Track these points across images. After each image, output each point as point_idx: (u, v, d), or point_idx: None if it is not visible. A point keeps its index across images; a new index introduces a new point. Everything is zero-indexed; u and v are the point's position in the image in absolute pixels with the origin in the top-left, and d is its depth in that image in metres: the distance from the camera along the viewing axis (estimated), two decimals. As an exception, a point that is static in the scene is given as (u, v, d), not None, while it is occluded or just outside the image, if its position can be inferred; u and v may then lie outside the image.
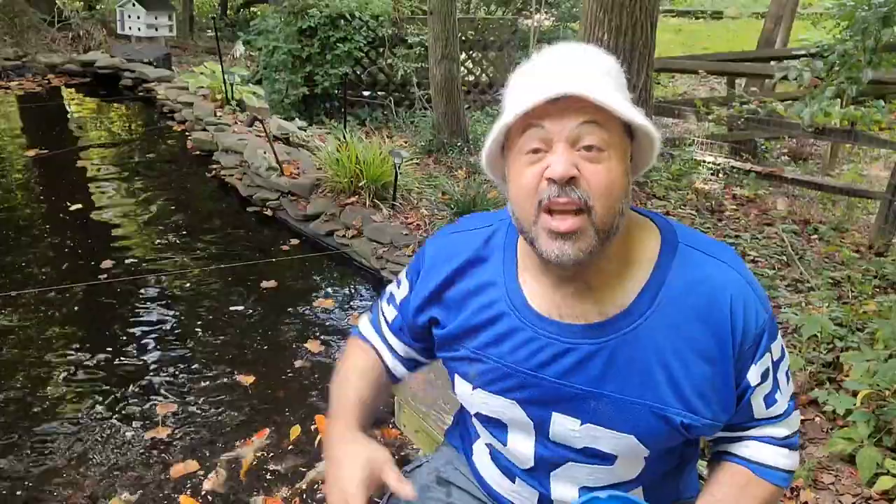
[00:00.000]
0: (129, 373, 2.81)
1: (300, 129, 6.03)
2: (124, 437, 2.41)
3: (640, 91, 4.97)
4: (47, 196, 4.91)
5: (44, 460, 2.29)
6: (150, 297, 3.47)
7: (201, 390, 2.72)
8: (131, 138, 6.69)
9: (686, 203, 4.56)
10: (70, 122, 7.19)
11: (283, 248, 4.15)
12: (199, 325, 3.23)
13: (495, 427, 1.01)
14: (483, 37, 7.82)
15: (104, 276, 3.64)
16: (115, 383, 2.73)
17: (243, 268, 3.83)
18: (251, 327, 3.23)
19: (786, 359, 0.96)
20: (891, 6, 3.00)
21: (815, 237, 4.21)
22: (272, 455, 2.37)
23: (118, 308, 3.34)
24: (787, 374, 0.96)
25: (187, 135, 6.33)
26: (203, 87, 7.31)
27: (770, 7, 8.60)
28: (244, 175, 5.09)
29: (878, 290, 3.32)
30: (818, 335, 2.62)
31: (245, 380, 2.79)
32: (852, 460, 2.10)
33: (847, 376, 2.42)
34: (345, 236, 4.06)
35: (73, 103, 7.93)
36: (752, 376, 0.91)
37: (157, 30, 9.72)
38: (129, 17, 9.62)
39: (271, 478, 2.26)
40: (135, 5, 9.48)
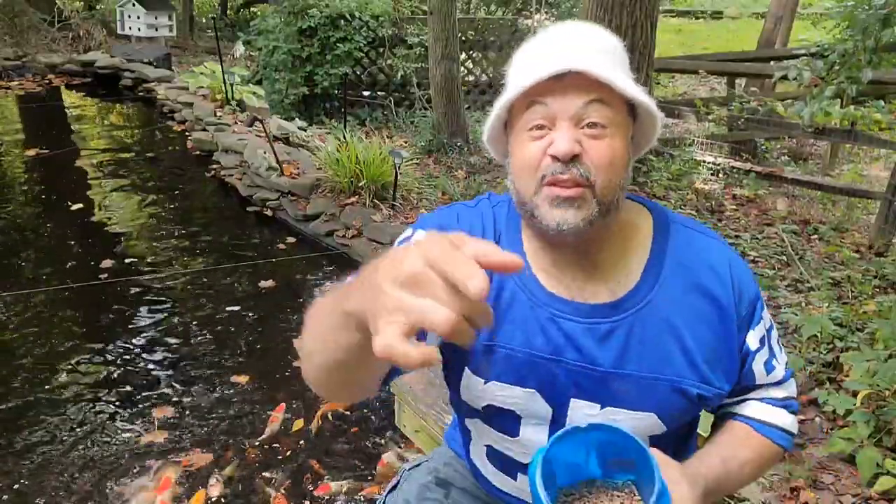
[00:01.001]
0: (128, 372, 2.81)
1: (300, 129, 6.03)
2: (121, 438, 2.41)
3: (640, 91, 4.97)
4: (48, 196, 4.91)
5: (37, 459, 2.29)
6: (149, 297, 3.47)
7: (201, 390, 2.71)
8: (131, 138, 6.69)
9: (686, 203, 4.56)
10: (70, 122, 7.19)
11: (283, 248, 4.15)
12: (199, 324, 3.23)
13: (506, 420, 0.97)
14: (483, 37, 7.82)
15: (104, 275, 3.64)
16: (114, 382, 2.73)
17: (243, 268, 3.83)
18: (250, 327, 3.23)
19: (774, 327, 1.00)
20: (891, 6, 3.00)
21: (815, 237, 4.21)
22: (272, 453, 2.37)
23: (118, 307, 3.34)
24: (778, 342, 1.00)
25: (187, 135, 6.33)
26: (203, 87, 7.32)
27: (770, 7, 8.60)
28: (244, 175, 5.10)
29: (878, 290, 3.32)
30: (818, 335, 2.62)
31: (241, 379, 2.79)
32: (852, 460, 2.10)
33: (847, 376, 2.42)
34: (345, 236, 4.06)
35: (74, 103, 7.93)
36: (752, 341, 0.94)
37: (157, 30, 9.73)
38: (129, 17, 9.63)
39: (273, 476, 2.26)
40: (135, 5, 9.49)
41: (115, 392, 2.67)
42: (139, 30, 9.60)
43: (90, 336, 3.09)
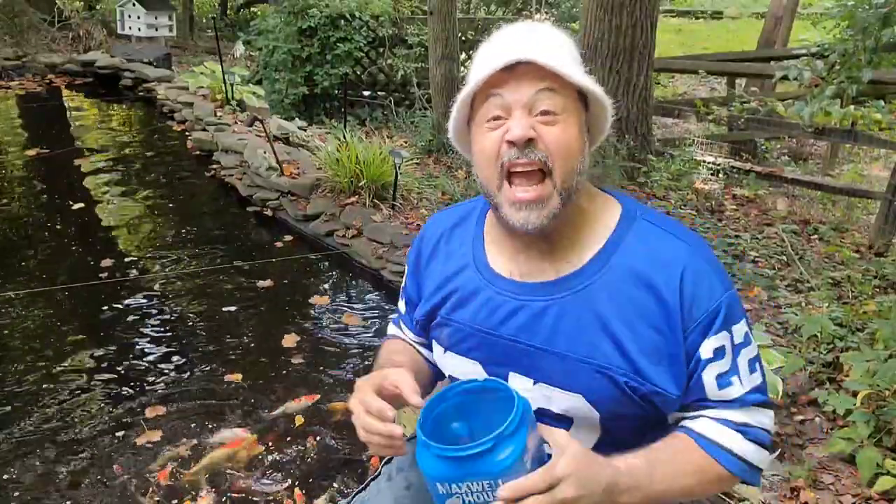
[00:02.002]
0: (127, 372, 2.80)
1: (300, 129, 6.03)
2: (118, 437, 2.41)
3: (641, 91, 4.98)
4: (48, 195, 4.91)
5: (35, 459, 2.29)
6: (149, 297, 3.47)
7: (198, 389, 2.71)
8: (131, 138, 6.69)
9: (686, 203, 4.56)
10: (70, 121, 7.19)
11: (282, 248, 4.15)
12: (199, 324, 3.23)
13: None
14: (483, 37, 7.81)
15: (104, 275, 3.64)
16: (113, 382, 2.73)
17: (243, 267, 3.83)
18: (250, 327, 3.23)
19: (751, 347, 0.95)
20: (891, 6, 3.00)
21: (815, 237, 4.21)
22: (272, 451, 2.37)
23: (117, 306, 3.34)
24: (750, 364, 0.94)
25: (187, 135, 6.33)
26: (203, 87, 7.31)
27: (770, 7, 8.61)
28: (244, 175, 5.09)
29: (878, 290, 3.32)
30: (818, 335, 2.62)
31: (236, 378, 2.78)
32: (852, 460, 2.11)
33: (847, 376, 2.42)
34: (345, 236, 4.06)
35: (74, 103, 7.93)
36: (705, 351, 0.91)
37: (157, 30, 9.73)
38: (129, 17, 9.63)
39: (274, 473, 2.26)
40: (135, 5, 9.49)
41: (112, 390, 2.67)
42: (139, 30, 9.59)
43: (89, 334, 3.09)
